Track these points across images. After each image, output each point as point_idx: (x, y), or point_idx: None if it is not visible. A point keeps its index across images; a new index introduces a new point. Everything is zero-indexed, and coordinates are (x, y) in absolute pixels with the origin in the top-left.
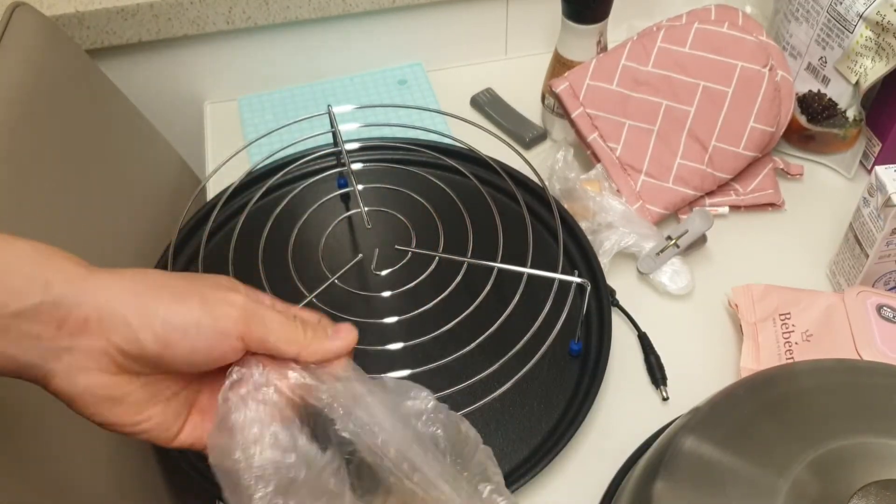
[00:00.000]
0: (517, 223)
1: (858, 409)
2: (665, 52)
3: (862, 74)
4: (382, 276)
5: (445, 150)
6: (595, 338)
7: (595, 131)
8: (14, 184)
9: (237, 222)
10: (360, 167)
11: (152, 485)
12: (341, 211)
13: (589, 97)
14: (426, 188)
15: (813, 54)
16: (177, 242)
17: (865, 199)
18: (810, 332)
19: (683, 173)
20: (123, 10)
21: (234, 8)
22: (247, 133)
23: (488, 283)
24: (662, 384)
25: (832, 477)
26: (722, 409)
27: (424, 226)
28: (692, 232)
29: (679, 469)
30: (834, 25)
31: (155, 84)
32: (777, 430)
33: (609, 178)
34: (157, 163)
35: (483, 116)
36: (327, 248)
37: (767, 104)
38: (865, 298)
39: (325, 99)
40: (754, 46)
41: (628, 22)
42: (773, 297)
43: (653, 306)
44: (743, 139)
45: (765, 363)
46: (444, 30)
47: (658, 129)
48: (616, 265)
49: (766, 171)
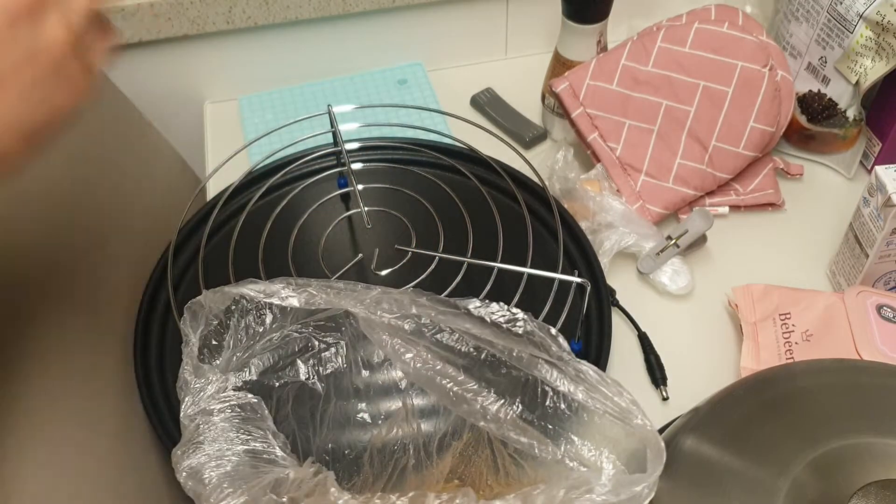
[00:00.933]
0: (517, 223)
1: (858, 408)
2: (665, 52)
3: (862, 74)
4: (382, 276)
5: (445, 149)
6: (595, 337)
7: (595, 131)
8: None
9: (237, 222)
10: (360, 167)
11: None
12: (341, 211)
13: (589, 97)
14: (426, 188)
15: (813, 54)
16: (177, 242)
17: (865, 199)
18: (810, 331)
19: (683, 173)
20: (123, 10)
21: (234, 7)
22: (247, 133)
23: (488, 282)
24: (662, 384)
25: (832, 477)
26: (722, 409)
27: (424, 226)
28: (692, 232)
29: (679, 469)
30: (834, 25)
31: (155, 84)
32: (777, 430)
33: (609, 177)
34: (157, 162)
35: (483, 116)
36: (327, 248)
37: (767, 104)
38: (865, 298)
39: (325, 99)
40: (754, 46)
41: (628, 22)
42: (773, 297)
43: (653, 306)
44: (743, 139)
45: (765, 363)
46: (444, 29)
47: (658, 129)
48: (616, 265)
49: (766, 170)
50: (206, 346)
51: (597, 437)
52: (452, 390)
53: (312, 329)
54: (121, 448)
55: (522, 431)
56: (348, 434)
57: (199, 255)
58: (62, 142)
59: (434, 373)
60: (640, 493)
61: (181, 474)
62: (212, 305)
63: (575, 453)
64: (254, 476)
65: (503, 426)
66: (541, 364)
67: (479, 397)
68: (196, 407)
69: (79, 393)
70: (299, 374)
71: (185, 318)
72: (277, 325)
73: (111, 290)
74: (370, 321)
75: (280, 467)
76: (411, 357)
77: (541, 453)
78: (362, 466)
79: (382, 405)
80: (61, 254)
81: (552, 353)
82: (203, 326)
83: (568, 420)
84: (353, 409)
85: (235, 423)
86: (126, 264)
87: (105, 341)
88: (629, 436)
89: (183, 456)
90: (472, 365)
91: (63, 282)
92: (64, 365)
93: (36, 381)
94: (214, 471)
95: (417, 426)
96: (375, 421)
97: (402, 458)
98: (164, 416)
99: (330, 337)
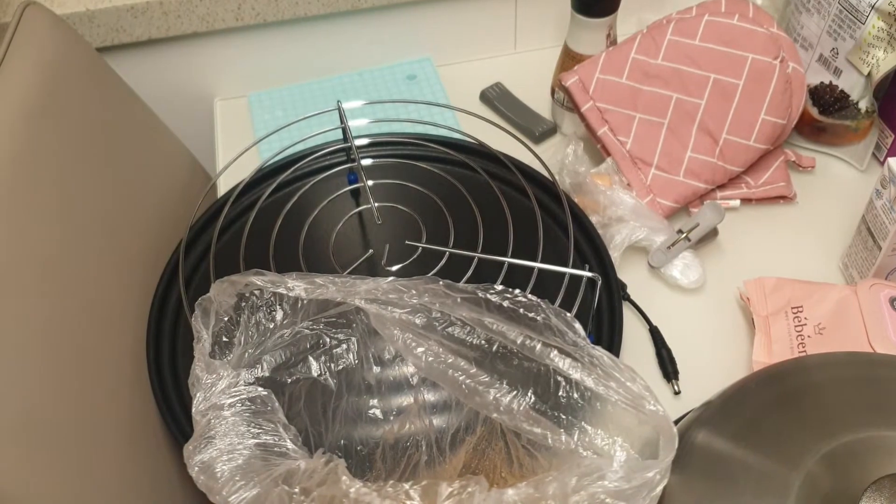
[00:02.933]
0: (527, 218)
1: (872, 402)
2: (675, 45)
3: (874, 65)
4: (393, 272)
5: (455, 144)
6: (606, 332)
7: (605, 125)
8: (26, 181)
9: (248, 218)
10: (369, 163)
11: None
12: (351, 207)
13: (599, 91)
14: (436, 183)
15: (824, 45)
16: (188, 239)
17: (878, 191)
18: (823, 325)
19: (694, 166)
20: (133, 8)
21: (243, 4)
22: (257, 129)
23: (499, 277)
24: (674, 378)
25: (845, 470)
26: (734, 403)
27: (435, 221)
28: (703, 225)
29: (691, 463)
30: (846, 16)
31: (165, 81)
32: (790, 424)
33: (619, 171)
34: (167, 160)
35: (492, 111)
36: (338, 244)
37: (778, 96)
38: (878, 291)
39: (334, 95)
40: (765, 38)
41: (638, 15)
42: (785, 290)
43: (664, 300)
44: (754, 132)
45: (777, 356)
46: (452, 24)
47: (668, 123)
48: (627, 259)
49: (777, 163)
50: (217, 342)
51: (610, 425)
52: (465, 383)
53: (323, 325)
54: (134, 444)
55: (535, 422)
56: (360, 430)
57: (211, 252)
58: (73, 139)
59: (446, 366)
60: (651, 478)
61: (193, 469)
62: (222, 300)
63: (588, 442)
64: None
65: (516, 417)
66: (554, 352)
67: (491, 389)
68: (207, 402)
69: (92, 390)
70: (311, 371)
71: (197, 315)
72: (288, 321)
73: (123, 286)
74: (381, 317)
75: (291, 459)
76: (423, 351)
77: (554, 443)
78: (374, 462)
79: (394, 401)
80: (73, 251)
81: (567, 339)
82: (214, 323)
83: (581, 409)
84: (365, 405)
85: (246, 417)
86: (138, 261)
87: (117, 338)
88: (642, 424)
89: (195, 451)
90: (484, 357)
91: (75, 279)
92: (77, 362)
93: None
94: (226, 465)
95: (430, 422)
96: (387, 417)
97: (415, 454)
98: (176, 412)
99: (341, 333)
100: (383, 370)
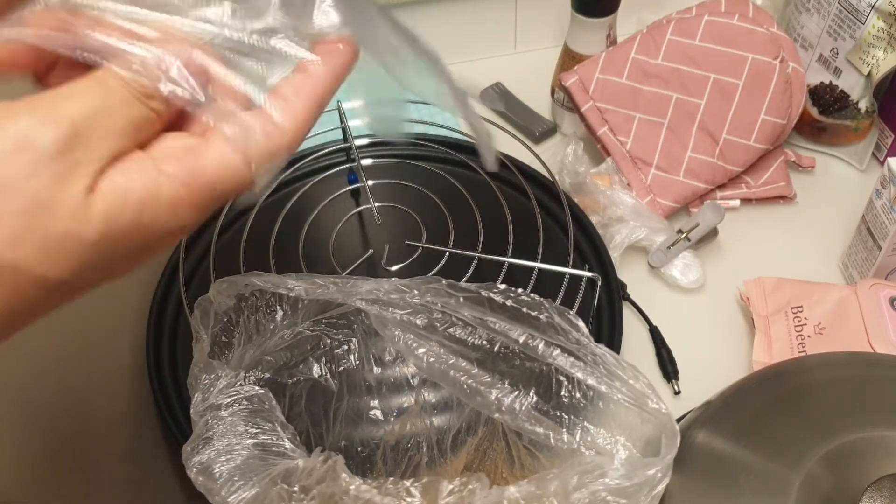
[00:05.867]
0: (527, 218)
1: (872, 402)
2: (675, 45)
3: (874, 65)
4: (393, 272)
5: (455, 144)
6: (606, 332)
7: (605, 125)
8: None
9: (248, 218)
10: (369, 163)
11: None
12: (351, 207)
13: (599, 91)
14: (436, 183)
15: (824, 45)
16: (188, 239)
17: (878, 191)
18: (823, 325)
19: (694, 166)
20: None
21: None
22: None
23: (499, 277)
24: (674, 378)
25: (845, 470)
26: (734, 403)
27: (435, 221)
28: (703, 225)
29: (692, 463)
30: (846, 16)
31: None
32: (789, 424)
33: (619, 171)
34: None
35: (492, 111)
36: (338, 244)
37: (778, 96)
38: (878, 291)
39: None
40: (765, 38)
41: (638, 14)
42: (785, 290)
43: (664, 300)
44: (754, 131)
45: (777, 356)
46: (452, 24)
47: (668, 123)
48: (627, 259)
49: (777, 163)
50: (216, 342)
51: (612, 425)
52: (466, 383)
53: (324, 326)
54: (133, 444)
55: (537, 422)
56: (361, 431)
57: (210, 252)
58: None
59: (448, 367)
60: (653, 476)
61: (192, 470)
62: (221, 300)
63: (590, 442)
64: (263, 468)
65: (518, 417)
66: (557, 351)
67: (493, 389)
68: (205, 403)
69: (91, 389)
70: (312, 372)
71: (196, 315)
72: (289, 322)
73: (122, 287)
74: (382, 317)
75: (289, 458)
76: (424, 352)
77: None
78: (375, 464)
79: (395, 401)
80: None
81: (571, 337)
82: (213, 323)
83: (583, 409)
84: (366, 406)
85: (244, 417)
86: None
87: (117, 338)
88: (644, 423)
89: (193, 452)
90: (486, 358)
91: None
92: (76, 361)
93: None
94: (224, 465)
95: (431, 422)
96: (388, 417)
97: (416, 455)
98: (176, 412)
99: (342, 334)
100: (384, 371)
